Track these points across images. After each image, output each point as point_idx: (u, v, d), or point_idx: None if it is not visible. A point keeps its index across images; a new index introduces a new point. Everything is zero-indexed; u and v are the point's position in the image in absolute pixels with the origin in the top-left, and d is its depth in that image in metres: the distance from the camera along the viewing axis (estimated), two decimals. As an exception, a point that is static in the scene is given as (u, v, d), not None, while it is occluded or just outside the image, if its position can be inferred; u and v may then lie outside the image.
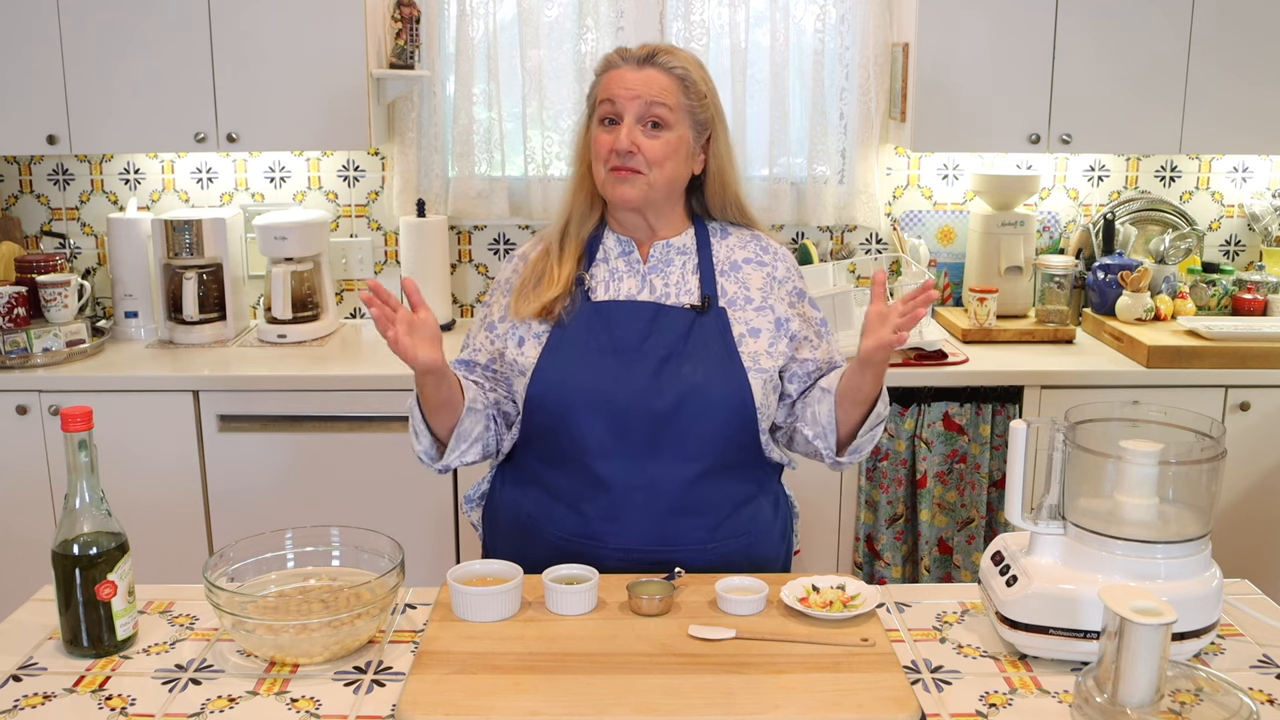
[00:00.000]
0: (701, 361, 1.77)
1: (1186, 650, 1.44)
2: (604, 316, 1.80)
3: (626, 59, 1.80)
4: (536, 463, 1.83)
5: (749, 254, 1.88)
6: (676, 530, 1.77)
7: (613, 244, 1.87)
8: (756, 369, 1.79)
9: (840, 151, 3.37)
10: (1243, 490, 2.96)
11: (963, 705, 1.38)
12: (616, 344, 1.78)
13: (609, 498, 1.76)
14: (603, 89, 1.79)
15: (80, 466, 1.46)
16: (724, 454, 1.79)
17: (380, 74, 3.11)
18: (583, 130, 1.85)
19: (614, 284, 1.84)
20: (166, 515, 2.89)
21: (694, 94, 1.80)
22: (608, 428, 1.75)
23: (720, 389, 1.76)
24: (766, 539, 1.87)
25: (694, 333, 1.78)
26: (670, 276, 1.84)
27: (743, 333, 1.81)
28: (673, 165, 1.79)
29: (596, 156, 1.79)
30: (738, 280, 1.85)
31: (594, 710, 1.33)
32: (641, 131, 1.76)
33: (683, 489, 1.76)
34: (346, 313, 3.48)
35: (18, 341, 2.93)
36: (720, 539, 1.79)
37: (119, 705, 1.38)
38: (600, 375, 1.76)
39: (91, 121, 3.01)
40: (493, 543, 1.92)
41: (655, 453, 1.75)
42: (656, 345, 1.77)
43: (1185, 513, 1.47)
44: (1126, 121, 3.07)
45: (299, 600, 1.51)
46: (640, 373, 1.76)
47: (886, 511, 3.00)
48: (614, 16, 3.23)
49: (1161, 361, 2.90)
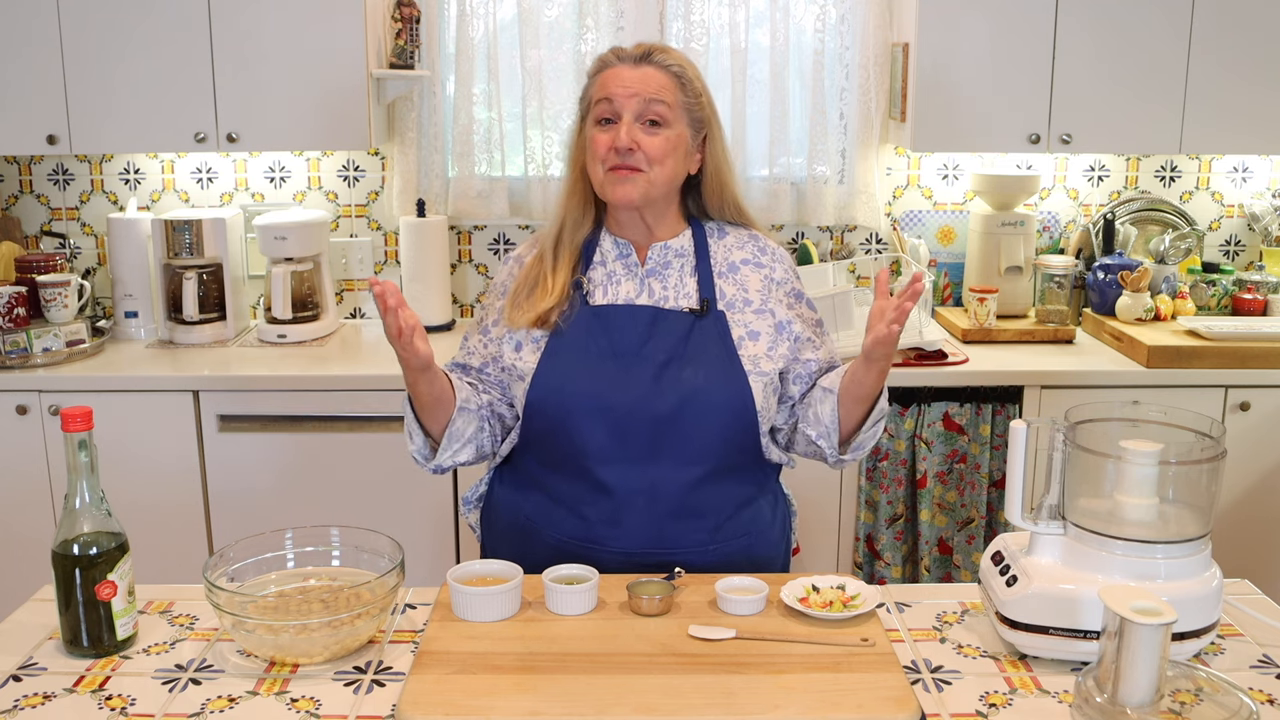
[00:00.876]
0: (702, 365, 1.76)
1: (1186, 650, 1.44)
2: (603, 321, 1.79)
3: (622, 58, 1.79)
4: (536, 466, 1.83)
5: (746, 255, 1.88)
6: (677, 533, 1.76)
7: (610, 247, 1.86)
8: (757, 372, 1.78)
9: (840, 151, 3.37)
10: (1243, 490, 2.96)
11: (963, 705, 1.38)
12: (616, 348, 1.77)
13: (610, 502, 1.76)
14: (598, 88, 1.78)
15: (80, 466, 1.46)
16: (724, 457, 1.79)
17: (380, 74, 3.11)
18: (576, 132, 1.84)
19: (612, 288, 1.83)
20: (166, 515, 2.89)
21: (690, 91, 1.80)
22: (608, 432, 1.75)
23: (721, 392, 1.76)
24: (766, 539, 1.87)
25: (693, 336, 1.78)
26: (669, 279, 1.84)
27: (742, 335, 1.81)
28: (672, 163, 1.79)
29: (594, 157, 1.78)
30: (736, 282, 1.85)
31: (594, 710, 1.33)
32: (641, 129, 1.75)
33: (683, 492, 1.76)
34: (346, 313, 3.48)
35: (18, 341, 2.93)
36: (721, 540, 1.79)
37: (119, 705, 1.38)
38: (600, 380, 1.75)
39: (91, 121, 3.01)
40: (491, 544, 1.91)
41: (656, 457, 1.75)
42: (656, 349, 1.77)
43: (1185, 513, 1.47)
44: (1126, 121, 3.07)
45: (299, 600, 1.51)
46: (640, 377, 1.75)
47: (886, 511, 3.00)
48: (614, 16, 3.23)
49: (1161, 361, 2.90)
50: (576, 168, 1.84)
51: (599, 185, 1.79)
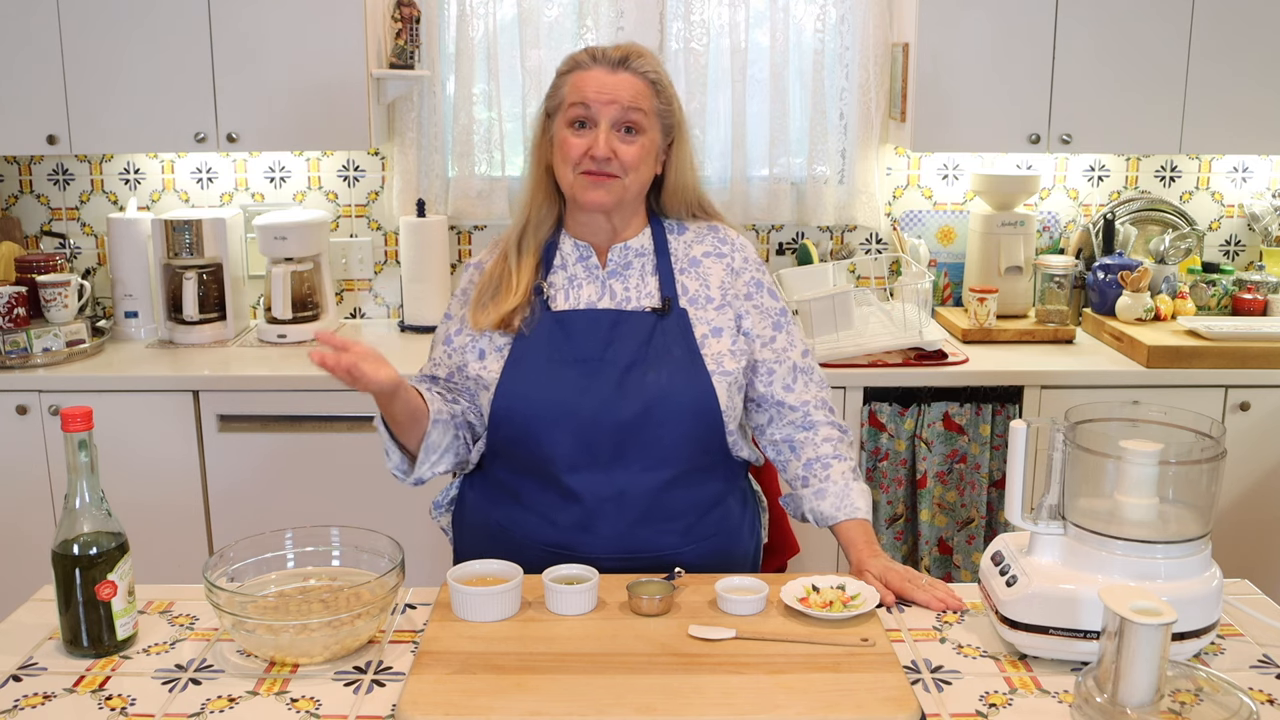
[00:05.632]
0: (665, 367, 1.76)
1: (1186, 650, 1.44)
2: (564, 327, 1.78)
3: (599, 60, 1.77)
4: (505, 473, 1.82)
5: (707, 247, 1.88)
6: (647, 537, 1.77)
7: (570, 249, 1.85)
8: (720, 371, 1.78)
9: (840, 151, 3.37)
10: (1243, 490, 2.96)
11: (963, 705, 1.38)
12: (578, 354, 1.77)
13: (581, 508, 1.76)
14: (574, 91, 1.76)
15: (80, 466, 1.46)
16: (691, 459, 1.79)
17: (380, 74, 3.11)
18: (540, 129, 1.82)
19: (573, 291, 1.82)
20: (166, 515, 2.89)
21: (664, 98, 1.80)
22: (574, 440, 1.74)
23: (684, 394, 1.75)
24: (736, 537, 1.88)
25: (655, 338, 1.77)
26: (630, 280, 1.83)
27: (705, 333, 1.80)
28: (646, 169, 1.79)
29: (566, 159, 1.76)
30: (698, 276, 1.84)
31: (594, 710, 1.33)
32: (616, 136, 1.75)
33: (652, 496, 1.76)
34: (347, 312, 3.48)
35: (18, 341, 2.93)
36: (691, 542, 1.80)
37: (119, 705, 1.38)
38: (564, 387, 1.75)
39: (91, 121, 3.01)
40: (462, 549, 1.91)
41: (623, 462, 1.75)
42: (619, 354, 1.76)
43: (1185, 513, 1.47)
44: (1126, 121, 3.07)
45: (299, 600, 1.51)
46: (604, 383, 1.75)
47: (886, 511, 3.00)
48: (614, 16, 3.23)
49: (1161, 361, 2.90)
50: (540, 165, 1.82)
51: (568, 187, 1.78)
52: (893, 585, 1.66)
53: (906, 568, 1.70)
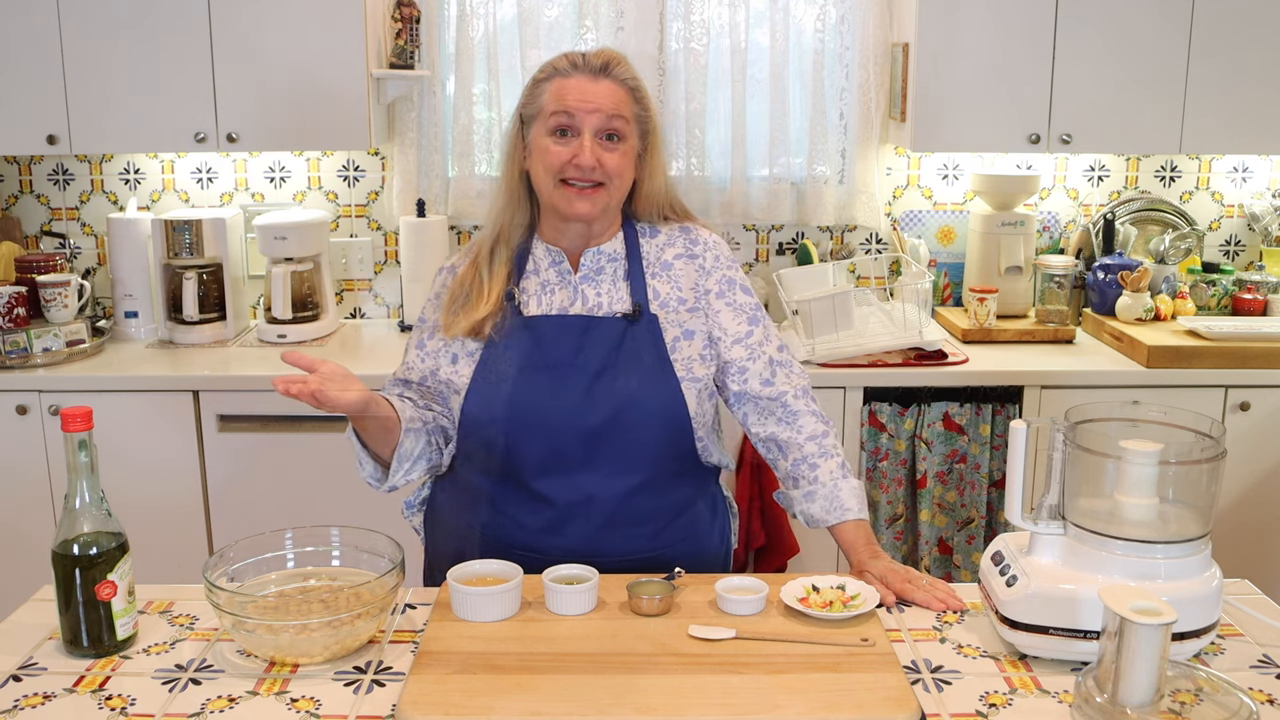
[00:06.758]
0: (634, 373, 1.76)
1: (1186, 650, 1.44)
2: (535, 332, 1.78)
3: (579, 67, 1.76)
4: (476, 476, 1.82)
5: (678, 250, 1.87)
6: (615, 540, 1.77)
7: (542, 254, 1.85)
8: (690, 378, 1.78)
9: (840, 151, 3.37)
10: (1243, 490, 2.96)
11: (963, 705, 1.38)
12: (548, 360, 1.76)
13: (551, 512, 1.76)
14: (555, 99, 1.75)
15: (80, 466, 1.46)
16: (660, 465, 1.79)
17: (380, 74, 3.11)
18: (516, 135, 1.80)
19: (545, 297, 1.82)
20: (166, 515, 2.89)
21: (644, 104, 1.79)
22: (544, 445, 1.74)
23: (653, 400, 1.75)
24: (705, 543, 1.88)
25: (626, 344, 1.77)
26: (601, 285, 1.82)
27: (676, 336, 1.80)
28: (629, 175, 1.79)
29: (549, 169, 1.75)
30: (669, 279, 1.84)
31: (594, 710, 1.33)
32: (599, 145, 1.74)
33: (620, 502, 1.76)
34: (346, 313, 3.48)
35: (18, 341, 2.93)
36: (659, 547, 1.80)
37: (119, 705, 1.38)
38: (534, 393, 1.75)
39: (91, 121, 3.01)
40: (434, 549, 1.91)
41: (592, 468, 1.75)
42: (589, 359, 1.76)
43: (1185, 513, 1.47)
44: (1126, 121, 3.07)
45: (299, 600, 1.51)
46: (574, 388, 1.75)
47: (886, 511, 3.00)
48: (614, 16, 3.23)
49: (1161, 361, 2.90)
50: (515, 171, 1.81)
51: (547, 195, 1.77)
52: (893, 585, 1.66)
53: (907, 568, 1.70)
